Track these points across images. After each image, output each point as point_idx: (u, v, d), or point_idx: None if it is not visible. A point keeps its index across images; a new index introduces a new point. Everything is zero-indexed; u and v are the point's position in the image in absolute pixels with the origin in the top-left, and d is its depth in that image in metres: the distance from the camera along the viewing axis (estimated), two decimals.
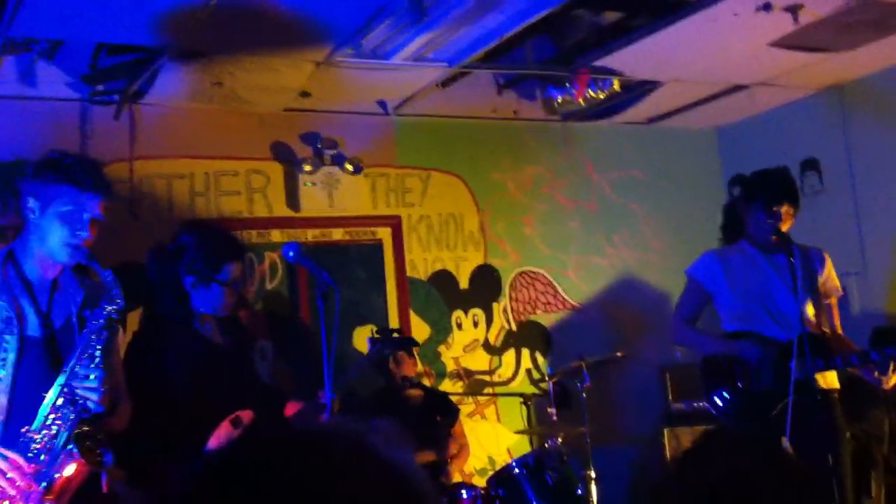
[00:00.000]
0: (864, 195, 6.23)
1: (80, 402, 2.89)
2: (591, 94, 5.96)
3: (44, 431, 2.87)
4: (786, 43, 5.41)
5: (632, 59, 5.57)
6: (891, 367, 3.89)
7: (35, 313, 2.98)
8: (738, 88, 6.35)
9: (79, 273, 3.11)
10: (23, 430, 2.85)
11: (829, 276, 4.28)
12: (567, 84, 5.91)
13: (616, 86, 5.96)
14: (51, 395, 2.88)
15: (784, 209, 4.15)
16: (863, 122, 6.26)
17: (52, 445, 2.85)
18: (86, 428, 2.88)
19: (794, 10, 4.93)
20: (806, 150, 6.61)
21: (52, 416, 2.88)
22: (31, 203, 3.01)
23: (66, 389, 2.89)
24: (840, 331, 4.26)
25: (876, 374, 3.95)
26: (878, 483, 5.23)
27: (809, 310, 4.15)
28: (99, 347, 2.95)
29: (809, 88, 6.45)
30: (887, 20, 5.17)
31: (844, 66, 5.94)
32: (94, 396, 2.88)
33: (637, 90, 6.22)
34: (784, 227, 4.17)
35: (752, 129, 7.06)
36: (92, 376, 2.89)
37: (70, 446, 2.85)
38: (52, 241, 2.99)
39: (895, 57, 5.83)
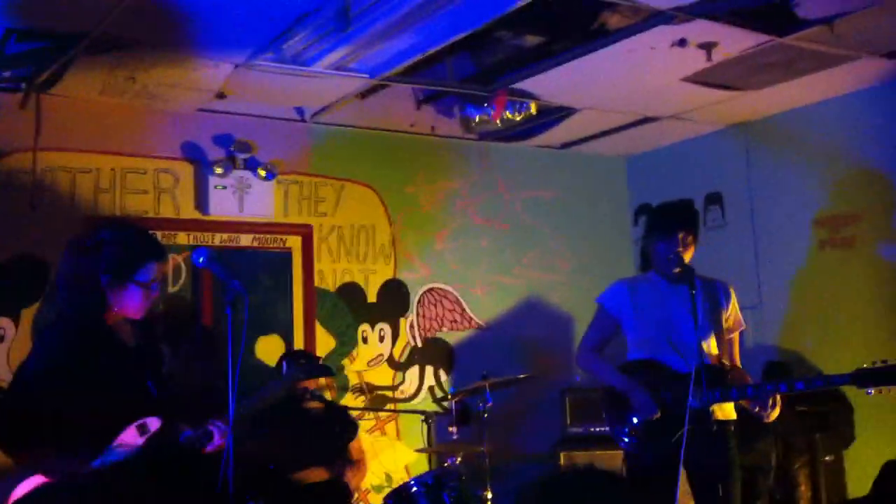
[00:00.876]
0: (763, 231, 6.44)
1: None
2: (509, 115, 6.03)
3: None
4: (698, 79, 5.58)
5: (549, 85, 5.65)
6: (769, 402, 4.00)
7: None
8: (648, 120, 6.50)
9: None
10: None
11: (734, 309, 4.39)
12: (485, 104, 5.96)
13: (533, 109, 6.05)
14: None
15: (682, 237, 4.24)
16: (765, 159, 6.48)
17: None
18: None
19: (708, 48, 5.08)
20: (710, 184, 6.82)
21: None
22: None
23: None
24: (739, 364, 4.37)
25: (756, 409, 4.06)
26: None
27: (711, 341, 4.24)
28: None
29: (717, 124, 6.65)
30: (795, 63, 5.37)
31: (752, 104, 6.15)
32: None
33: (553, 115, 6.32)
34: (686, 257, 4.26)
35: (659, 159, 7.24)
36: None
37: None
38: None
39: (800, 99, 6.06)
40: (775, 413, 4.03)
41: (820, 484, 5.48)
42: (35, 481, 3.22)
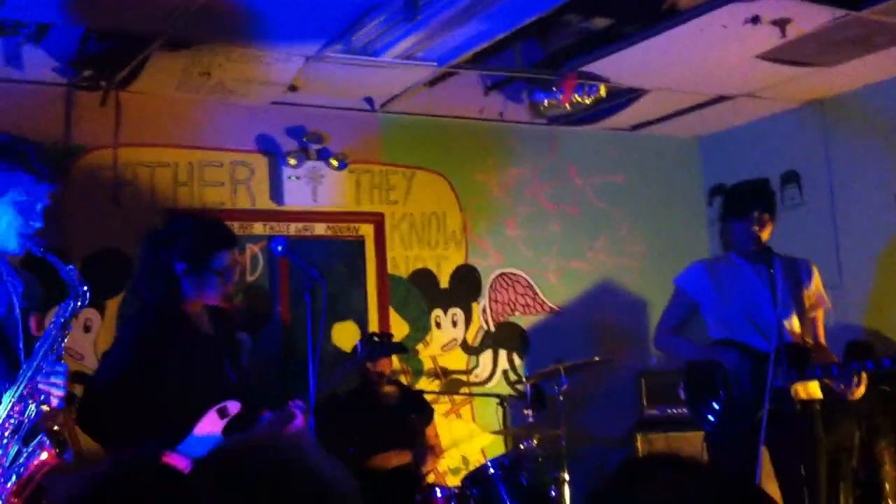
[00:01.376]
0: (843, 209, 6.30)
1: (43, 397, 2.87)
2: (578, 98, 6.00)
3: (5, 423, 2.84)
4: (772, 56, 5.47)
5: (619, 66, 5.60)
6: (854, 380, 3.95)
7: None
8: (721, 99, 6.40)
9: (15, 265, 3.06)
10: None
11: (817, 287, 4.34)
12: (554, 88, 5.94)
13: (602, 92, 6.00)
14: (15, 388, 2.85)
15: (757, 216, 4.21)
16: (843, 137, 6.34)
17: (12, 438, 2.83)
18: (53, 424, 2.85)
19: (781, 25, 4.98)
20: (787, 163, 6.68)
21: (16, 407, 2.86)
22: None
23: (29, 383, 2.86)
24: (824, 343, 4.31)
25: (842, 387, 4.00)
26: (846, 495, 5.31)
27: (793, 320, 4.21)
28: (63, 344, 2.92)
29: (792, 102, 6.51)
30: (871, 38, 5.24)
31: (827, 81, 6.01)
32: (57, 392, 2.86)
33: (622, 97, 6.26)
34: (763, 236, 4.23)
35: (734, 139, 7.12)
36: (57, 371, 2.86)
37: (41, 438, 2.83)
38: (4, 230, 2.91)
39: (877, 74, 5.90)
40: (860, 391, 3.97)
41: None
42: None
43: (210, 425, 3.39)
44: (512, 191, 6.63)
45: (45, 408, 2.87)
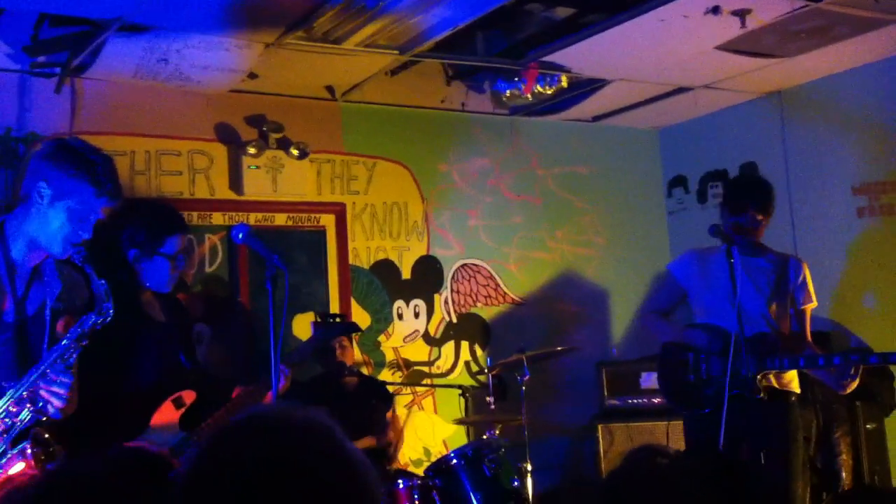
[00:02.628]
0: (800, 200, 6.37)
1: (41, 403, 2.81)
2: (540, 89, 6.00)
3: None
4: (732, 47, 5.51)
5: (581, 56, 5.61)
6: (851, 371, 4.01)
7: (11, 297, 2.87)
8: (681, 90, 6.44)
9: (59, 264, 3.01)
10: None
11: (805, 284, 4.42)
12: (516, 78, 5.94)
13: (564, 82, 6.01)
14: (16, 389, 2.79)
15: (752, 214, 4.31)
16: (801, 128, 6.40)
17: (0, 437, 2.77)
18: (45, 432, 2.80)
19: (741, 15, 5.01)
20: (745, 154, 6.74)
21: (11, 408, 2.80)
22: (43, 188, 2.89)
23: (31, 387, 2.80)
24: (809, 338, 4.39)
25: (838, 380, 4.07)
26: (804, 483, 5.36)
27: (772, 311, 4.29)
28: (75, 355, 2.86)
29: (751, 93, 6.57)
30: (830, 29, 5.29)
31: (786, 72, 6.07)
32: (57, 402, 2.81)
33: (584, 87, 6.27)
34: (756, 231, 4.33)
35: (693, 130, 7.17)
36: (61, 381, 2.81)
37: (24, 445, 2.77)
38: (53, 233, 2.88)
39: (835, 65, 5.97)
40: (853, 385, 4.04)
41: (861, 452, 5.45)
42: None
43: (166, 416, 3.33)
44: (474, 181, 6.62)
45: (40, 414, 2.82)
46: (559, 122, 6.93)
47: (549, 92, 6.03)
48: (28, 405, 2.80)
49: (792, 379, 4.25)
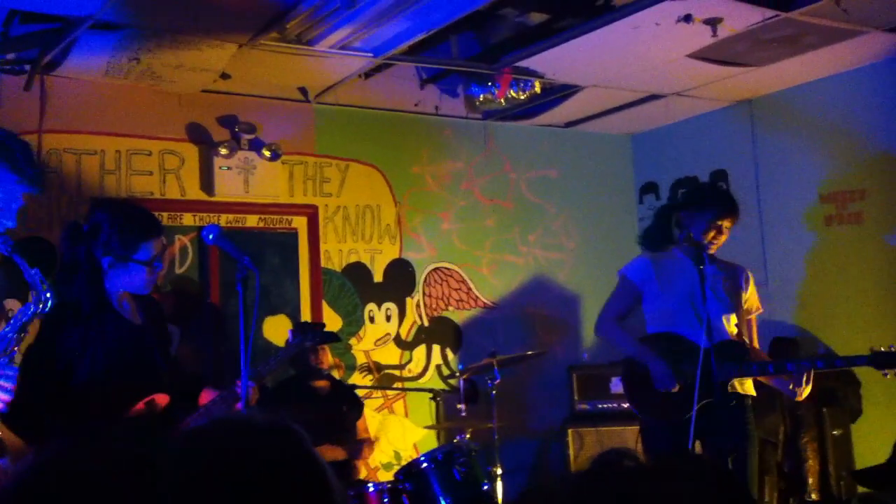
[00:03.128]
0: (769, 207, 6.44)
1: None
2: (513, 94, 6.02)
3: None
4: (703, 55, 5.56)
5: (554, 62, 5.63)
6: (804, 379, 4.04)
7: None
8: (654, 97, 6.49)
9: None
10: None
11: (752, 293, 4.45)
12: (489, 83, 5.96)
13: (537, 88, 6.04)
14: None
15: (727, 225, 4.30)
16: (770, 136, 6.47)
17: None
18: None
19: (713, 24, 5.06)
20: (715, 162, 6.80)
21: None
22: None
23: None
24: (757, 345, 4.42)
25: (791, 386, 4.09)
26: (771, 488, 5.42)
27: (731, 318, 4.31)
28: (16, 348, 2.82)
29: (722, 101, 6.63)
30: (799, 39, 5.35)
31: (756, 80, 6.13)
32: (4, 396, 2.75)
33: (557, 93, 6.30)
34: (721, 241, 4.32)
35: (664, 137, 7.23)
36: (6, 374, 2.76)
37: None
38: None
39: (804, 75, 6.04)
40: (807, 391, 4.06)
41: (828, 457, 5.51)
42: None
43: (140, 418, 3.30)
44: (447, 185, 6.62)
45: None
46: (532, 126, 6.95)
47: (522, 97, 6.05)
48: None
49: (749, 384, 4.29)
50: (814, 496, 5.50)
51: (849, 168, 5.99)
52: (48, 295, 2.82)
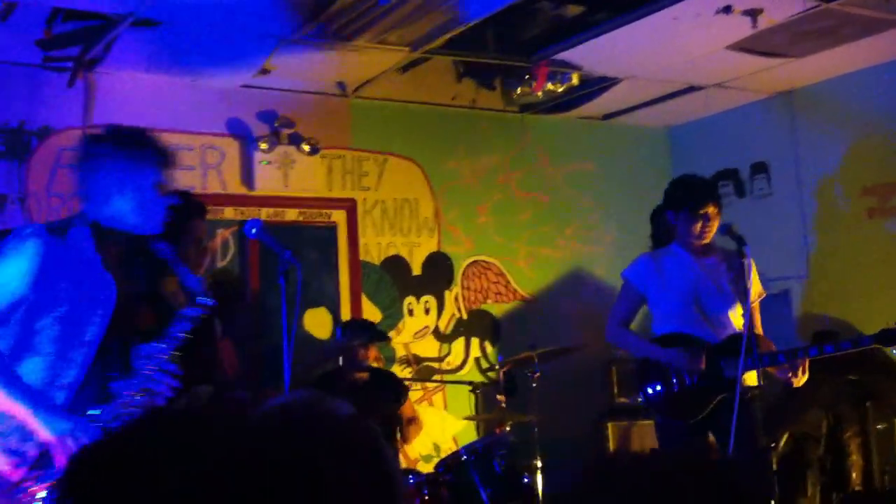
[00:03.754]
0: (811, 200, 6.37)
1: (155, 394, 2.89)
2: (550, 86, 6.01)
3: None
4: (743, 46, 5.51)
5: (591, 54, 5.61)
6: (800, 369, 4.00)
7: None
8: (692, 89, 6.43)
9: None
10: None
11: (754, 280, 4.37)
12: (526, 76, 5.95)
13: (575, 80, 6.02)
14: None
15: (711, 210, 4.23)
16: (811, 128, 6.40)
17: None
18: None
19: (753, 14, 5.01)
20: (755, 154, 6.74)
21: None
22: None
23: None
24: (761, 332, 4.35)
25: (789, 374, 4.05)
26: (813, 483, 5.37)
27: (737, 311, 4.25)
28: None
29: (761, 93, 6.56)
30: (840, 29, 5.29)
31: (797, 72, 6.06)
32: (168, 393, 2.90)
33: (594, 85, 6.27)
34: (712, 229, 4.26)
35: (703, 129, 7.16)
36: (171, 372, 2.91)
37: None
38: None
39: (845, 66, 5.96)
40: (803, 379, 4.02)
41: (872, 452, 5.44)
42: None
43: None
44: (484, 178, 6.62)
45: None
46: (569, 119, 6.93)
47: (559, 90, 6.04)
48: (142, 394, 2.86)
49: (752, 376, 4.23)
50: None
51: (891, 160, 5.91)
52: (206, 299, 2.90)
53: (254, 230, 3.17)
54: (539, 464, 4.97)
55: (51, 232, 2.88)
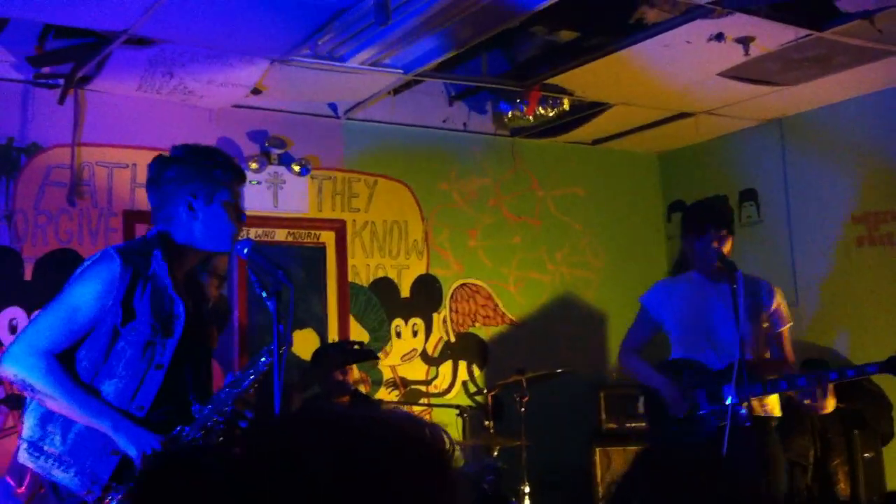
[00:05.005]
0: (800, 228, 6.39)
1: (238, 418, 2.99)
2: (541, 111, 6.02)
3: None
4: (734, 74, 5.54)
5: (583, 80, 5.63)
6: (818, 393, 3.97)
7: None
8: (682, 115, 6.46)
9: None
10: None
11: (780, 306, 4.37)
12: (518, 100, 5.96)
13: (566, 105, 6.04)
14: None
15: (715, 233, 4.25)
16: (801, 156, 6.43)
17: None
18: None
19: (745, 42, 5.04)
20: (745, 181, 6.77)
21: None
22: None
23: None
24: (792, 359, 4.35)
25: (807, 401, 4.04)
26: None
27: (751, 338, 4.23)
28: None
29: (752, 120, 6.60)
30: (831, 58, 5.33)
31: (787, 100, 6.10)
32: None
33: (585, 111, 6.30)
34: (725, 251, 4.27)
35: (692, 156, 7.20)
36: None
37: None
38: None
39: (835, 94, 6.01)
40: (830, 405, 4.00)
41: (859, 480, 5.44)
42: None
43: None
44: (474, 201, 6.62)
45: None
46: (559, 144, 6.95)
47: (550, 114, 6.05)
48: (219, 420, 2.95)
49: (774, 405, 4.22)
50: None
51: (880, 188, 5.94)
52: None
53: (246, 250, 3.12)
54: (527, 489, 4.94)
55: (129, 254, 2.92)
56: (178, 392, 2.96)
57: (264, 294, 2.97)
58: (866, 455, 5.51)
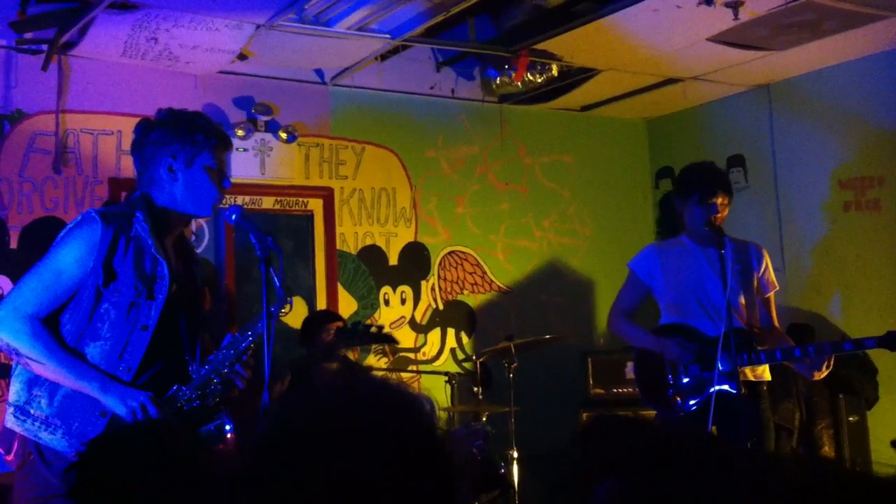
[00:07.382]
0: (787, 193, 6.40)
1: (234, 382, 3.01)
2: (530, 77, 6.00)
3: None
4: (722, 39, 5.52)
5: (572, 45, 5.60)
6: (824, 364, 3.97)
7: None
8: (670, 81, 6.44)
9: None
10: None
11: (767, 271, 4.35)
12: (507, 66, 5.93)
13: (554, 71, 6.01)
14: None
15: (720, 201, 4.21)
16: (788, 121, 6.43)
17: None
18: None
19: (735, 7, 5.01)
20: (732, 147, 6.76)
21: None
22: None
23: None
24: (777, 324, 4.35)
25: (816, 372, 4.03)
26: None
27: (741, 304, 4.23)
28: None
29: (740, 86, 6.59)
30: (820, 23, 5.31)
31: (775, 65, 6.08)
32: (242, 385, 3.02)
33: (574, 77, 6.27)
34: (721, 219, 4.23)
35: (681, 122, 7.19)
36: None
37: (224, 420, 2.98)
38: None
39: (823, 60, 6.00)
40: (824, 373, 4.01)
41: (844, 444, 5.50)
42: None
43: None
44: (462, 168, 6.60)
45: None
46: (547, 111, 6.92)
47: (539, 80, 6.02)
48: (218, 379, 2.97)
49: (764, 370, 4.23)
50: None
51: (867, 154, 5.95)
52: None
53: (234, 216, 3.09)
54: (515, 454, 4.97)
55: (111, 216, 2.91)
56: (172, 353, 2.97)
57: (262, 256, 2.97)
58: (851, 419, 5.56)
